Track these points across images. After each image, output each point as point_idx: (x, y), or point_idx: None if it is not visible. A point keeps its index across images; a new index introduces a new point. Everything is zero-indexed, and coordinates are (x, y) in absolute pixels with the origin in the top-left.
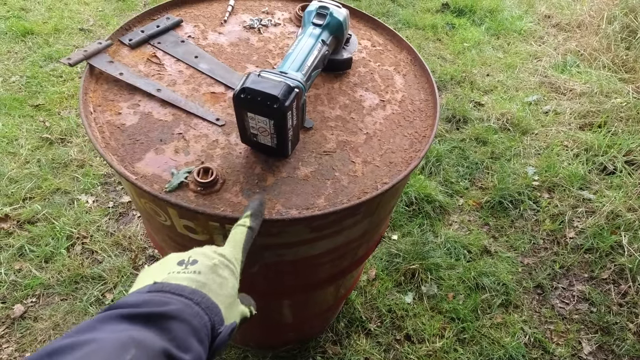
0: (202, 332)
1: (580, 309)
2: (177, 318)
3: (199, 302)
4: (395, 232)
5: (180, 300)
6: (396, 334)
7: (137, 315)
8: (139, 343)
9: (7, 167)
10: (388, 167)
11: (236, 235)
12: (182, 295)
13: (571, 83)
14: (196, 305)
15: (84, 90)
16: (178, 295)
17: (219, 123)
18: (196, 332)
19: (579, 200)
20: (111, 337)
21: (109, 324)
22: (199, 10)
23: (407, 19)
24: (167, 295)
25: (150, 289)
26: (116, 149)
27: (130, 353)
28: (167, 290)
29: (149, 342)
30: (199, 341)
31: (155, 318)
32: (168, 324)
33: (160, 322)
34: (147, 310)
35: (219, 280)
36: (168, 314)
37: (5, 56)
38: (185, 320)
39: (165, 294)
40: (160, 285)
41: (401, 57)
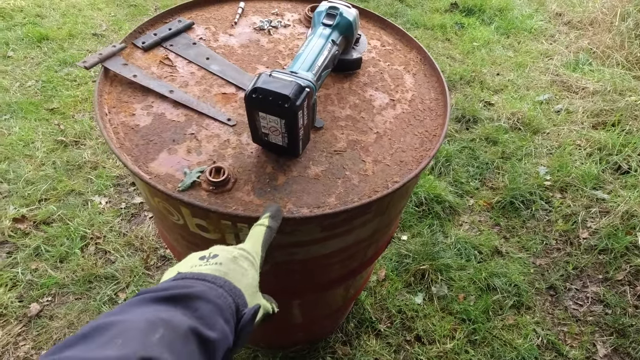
0: (227, 312)
1: (594, 311)
2: (202, 298)
3: (221, 285)
4: (405, 232)
5: (203, 283)
6: (406, 334)
7: (164, 297)
8: (167, 322)
9: (24, 169)
10: (399, 166)
11: (255, 233)
12: (205, 280)
13: (584, 81)
14: (219, 287)
15: (99, 93)
16: (201, 280)
17: (230, 123)
18: (221, 311)
19: (592, 200)
20: (140, 317)
21: (138, 307)
22: (209, 13)
23: (415, 19)
24: (191, 281)
25: (175, 278)
26: (130, 149)
27: (158, 332)
28: (190, 277)
29: (177, 321)
30: (225, 321)
31: (181, 298)
32: (194, 303)
33: (186, 301)
34: (173, 292)
35: (240, 270)
36: (193, 294)
37: (22, 61)
38: (210, 300)
39: (190, 280)
40: (183, 275)
41: (411, 56)
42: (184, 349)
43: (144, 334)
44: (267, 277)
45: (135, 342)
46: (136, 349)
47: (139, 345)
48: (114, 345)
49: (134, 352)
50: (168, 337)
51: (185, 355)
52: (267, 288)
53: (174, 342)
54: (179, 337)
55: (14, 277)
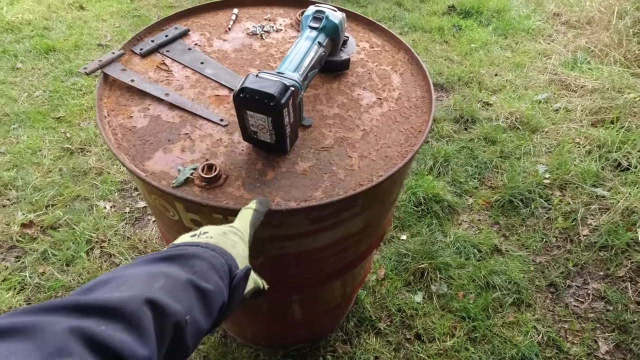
0: (221, 270)
1: (595, 308)
2: (197, 257)
3: (213, 248)
4: (404, 232)
5: (196, 247)
6: (406, 333)
7: (162, 257)
8: (167, 274)
9: (32, 176)
10: (384, 161)
11: (243, 215)
12: (198, 245)
13: (582, 80)
14: (212, 250)
15: (98, 97)
16: (195, 245)
17: (222, 123)
18: (215, 268)
19: (592, 198)
20: (141, 270)
21: (137, 266)
22: (205, 20)
23: (413, 22)
24: (185, 247)
25: (169, 247)
26: (128, 149)
27: (159, 281)
28: (183, 245)
29: (176, 274)
30: (219, 277)
31: (177, 257)
32: (189, 260)
33: (183, 260)
34: (169, 253)
35: (231, 242)
36: (188, 253)
37: (30, 72)
38: (204, 258)
39: (183, 246)
40: (177, 244)
41: (399, 57)
42: (184, 296)
43: (147, 282)
44: (262, 271)
45: (139, 288)
46: (142, 291)
47: (144, 290)
48: (120, 291)
49: (141, 293)
50: (169, 285)
51: (186, 302)
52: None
53: (174, 289)
54: (178, 285)
55: (22, 281)
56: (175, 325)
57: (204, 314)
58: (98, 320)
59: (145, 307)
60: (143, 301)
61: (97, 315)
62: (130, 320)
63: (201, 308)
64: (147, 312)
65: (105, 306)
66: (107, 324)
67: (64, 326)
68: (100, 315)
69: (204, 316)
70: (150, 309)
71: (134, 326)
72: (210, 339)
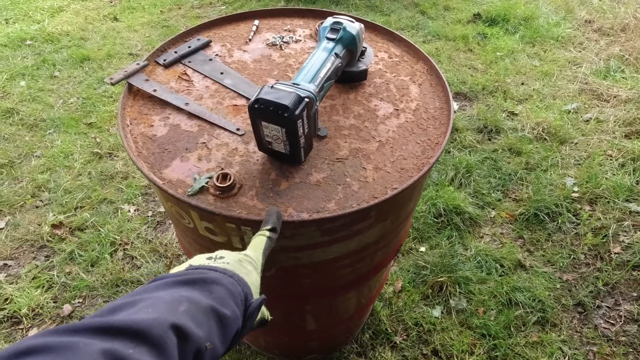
0: (238, 297)
1: (628, 331)
2: (217, 282)
3: (231, 275)
4: (422, 244)
5: (215, 272)
6: (423, 348)
7: (183, 281)
8: (190, 299)
9: (63, 179)
10: (399, 173)
11: (256, 242)
12: (216, 270)
13: (615, 89)
14: (230, 277)
15: (122, 106)
16: (213, 270)
17: (239, 133)
18: (233, 296)
19: (625, 213)
20: (165, 294)
21: (159, 289)
22: (226, 31)
23: (437, 30)
24: (204, 270)
25: (188, 268)
26: (147, 157)
27: (183, 305)
28: (202, 268)
29: (198, 299)
30: (236, 304)
31: (198, 282)
32: (210, 286)
33: (203, 285)
34: (190, 276)
35: (245, 271)
36: (209, 279)
37: (66, 80)
38: (223, 285)
39: (203, 269)
40: (195, 266)
41: (417, 67)
42: (205, 321)
43: (171, 306)
44: (276, 281)
45: (164, 311)
46: (167, 315)
47: (169, 313)
48: (146, 313)
49: (166, 318)
50: (192, 310)
51: (207, 328)
52: (276, 292)
53: (197, 315)
54: (200, 311)
55: (50, 279)
56: (196, 351)
57: (221, 339)
58: (126, 342)
59: (171, 331)
60: (169, 326)
61: (125, 337)
62: (156, 343)
63: (219, 334)
64: (172, 336)
65: (133, 328)
66: (134, 346)
67: (97, 348)
68: (127, 337)
69: (220, 342)
70: (175, 334)
71: (159, 350)
72: None
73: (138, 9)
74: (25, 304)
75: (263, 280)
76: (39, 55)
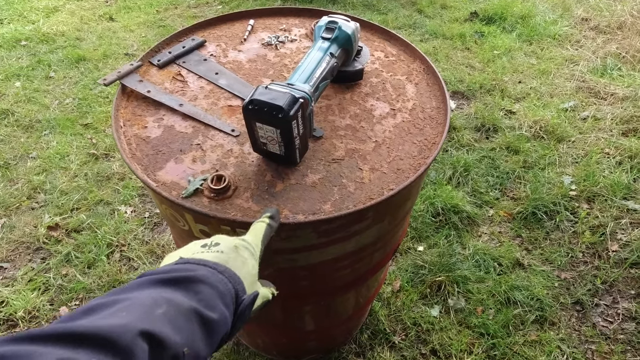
0: (227, 297)
1: (626, 329)
2: (203, 282)
3: (222, 271)
4: (421, 243)
5: (205, 268)
6: (422, 348)
7: (167, 279)
8: (170, 300)
9: (59, 180)
10: (395, 174)
11: (257, 228)
12: (206, 265)
13: (612, 87)
14: (220, 274)
15: (116, 107)
16: (202, 265)
17: (234, 134)
18: (222, 296)
19: (622, 211)
20: (143, 295)
21: (141, 289)
22: (221, 31)
23: (434, 29)
24: (193, 266)
25: (177, 262)
26: (141, 159)
27: (162, 307)
28: (192, 262)
29: (179, 301)
30: (225, 305)
31: (183, 281)
32: (196, 286)
33: (189, 285)
34: (176, 274)
35: (241, 259)
36: (195, 277)
37: (62, 81)
38: (211, 284)
39: (191, 265)
40: (185, 260)
41: (414, 66)
42: (186, 325)
43: (148, 309)
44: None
45: (138, 315)
46: (138, 321)
47: (142, 318)
48: (118, 317)
49: (136, 324)
50: (170, 313)
51: (187, 332)
52: None
53: (176, 318)
54: (181, 314)
55: (47, 282)
56: (172, 357)
57: (205, 342)
58: (89, 351)
59: (141, 339)
60: (139, 332)
61: (88, 345)
62: (122, 352)
63: (202, 337)
64: (142, 344)
65: (99, 335)
66: (97, 355)
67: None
68: (91, 346)
69: (205, 345)
70: (147, 341)
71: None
72: (224, 347)
73: (134, 9)
74: (21, 307)
75: None
76: (34, 56)
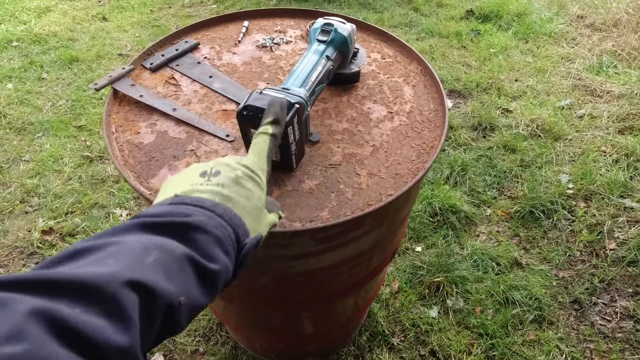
0: (227, 243)
1: (624, 327)
2: (199, 228)
3: (221, 214)
4: (419, 243)
5: (202, 212)
6: (421, 349)
7: (159, 224)
8: (162, 247)
9: (53, 183)
10: (394, 179)
11: (259, 144)
12: (203, 207)
13: (608, 85)
14: (218, 217)
15: (107, 113)
16: (199, 207)
17: (228, 139)
18: (220, 242)
19: (619, 209)
20: (133, 240)
21: (131, 233)
22: (215, 33)
23: (430, 27)
24: (189, 208)
25: (172, 201)
26: (133, 166)
27: (153, 255)
28: (188, 203)
29: (172, 247)
30: (225, 252)
31: (177, 227)
32: (191, 233)
33: (183, 232)
34: (170, 219)
35: (244, 193)
36: (190, 224)
37: (55, 82)
38: (208, 231)
39: (187, 207)
40: (181, 198)
41: (411, 68)
42: (179, 273)
43: (137, 256)
44: (270, 289)
45: (126, 263)
46: (126, 269)
47: (130, 267)
48: (105, 265)
49: (124, 272)
50: (162, 260)
51: (181, 280)
52: (273, 300)
53: (169, 266)
54: (174, 261)
55: None
56: (167, 306)
57: (202, 291)
58: (70, 300)
59: (129, 289)
60: (127, 282)
61: (70, 294)
62: (109, 302)
63: (199, 286)
64: (130, 294)
65: (83, 283)
66: (81, 304)
67: (27, 306)
68: (74, 295)
69: (202, 294)
70: (136, 291)
71: (113, 309)
72: (221, 350)
73: (127, 9)
74: None
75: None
76: (26, 57)
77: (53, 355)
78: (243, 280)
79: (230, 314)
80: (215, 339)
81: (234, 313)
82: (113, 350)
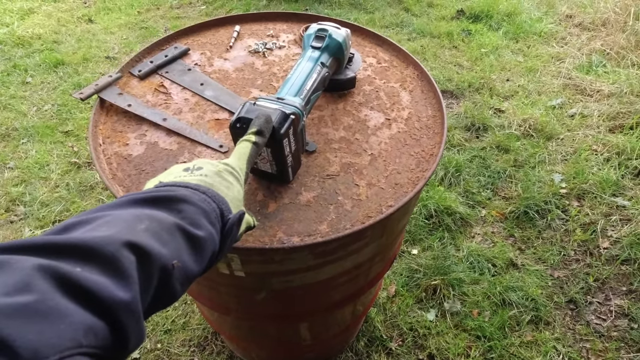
0: (212, 215)
1: (619, 326)
2: (185, 201)
3: (204, 191)
4: (415, 246)
5: (186, 189)
6: (419, 353)
7: (146, 198)
8: (152, 216)
9: (39, 191)
10: (393, 189)
11: (240, 149)
12: (187, 187)
13: (598, 84)
14: (202, 193)
15: (93, 124)
16: (184, 187)
17: (222, 150)
18: (206, 214)
19: (612, 208)
20: (125, 212)
21: (121, 207)
22: (206, 38)
23: (421, 28)
24: (174, 187)
25: (157, 186)
26: (122, 180)
27: (144, 223)
28: (172, 185)
29: (161, 217)
30: (210, 223)
31: (164, 200)
32: (178, 205)
33: (170, 203)
34: (156, 194)
35: (225, 183)
36: (177, 197)
37: (39, 86)
38: (194, 203)
39: (173, 187)
40: (165, 184)
41: (407, 72)
42: (170, 239)
43: (130, 223)
44: (268, 303)
45: (120, 229)
46: (122, 233)
47: (125, 231)
48: (100, 232)
49: (120, 236)
50: (154, 227)
51: (173, 246)
52: (271, 313)
53: (160, 233)
54: (164, 229)
55: None
56: (161, 269)
57: (194, 259)
58: (72, 261)
59: (126, 249)
60: (124, 243)
61: (71, 255)
62: (109, 261)
63: (190, 253)
64: (128, 254)
65: (81, 246)
66: (82, 265)
67: (31, 263)
68: (75, 256)
69: (193, 262)
70: (133, 252)
71: (113, 268)
72: (217, 359)
73: (114, 10)
74: None
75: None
76: (9, 61)
77: (61, 306)
78: (239, 294)
79: (225, 324)
80: (211, 349)
81: (229, 324)
82: (116, 304)
